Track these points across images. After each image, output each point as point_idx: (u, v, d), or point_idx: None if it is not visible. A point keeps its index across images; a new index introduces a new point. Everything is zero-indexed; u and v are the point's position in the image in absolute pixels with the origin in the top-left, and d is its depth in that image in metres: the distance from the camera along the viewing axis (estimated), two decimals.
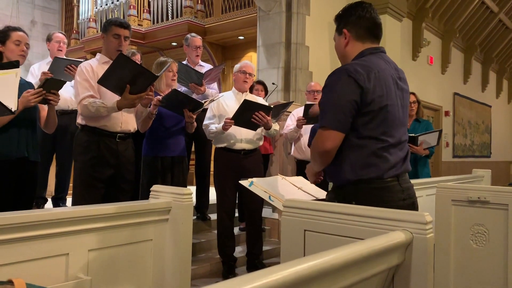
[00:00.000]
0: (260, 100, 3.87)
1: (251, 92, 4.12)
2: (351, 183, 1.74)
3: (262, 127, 3.54)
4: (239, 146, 3.60)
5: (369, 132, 1.72)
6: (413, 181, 3.46)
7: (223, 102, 3.66)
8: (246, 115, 3.35)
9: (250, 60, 6.71)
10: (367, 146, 1.72)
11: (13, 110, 1.87)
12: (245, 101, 3.33)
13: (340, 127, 1.71)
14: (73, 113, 3.98)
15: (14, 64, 2.29)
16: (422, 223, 1.30)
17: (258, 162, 3.76)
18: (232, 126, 3.43)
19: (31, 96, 2.34)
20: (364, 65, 1.74)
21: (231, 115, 3.43)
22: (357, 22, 1.84)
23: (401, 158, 1.79)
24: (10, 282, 1.08)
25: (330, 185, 2.35)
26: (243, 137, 3.59)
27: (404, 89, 1.87)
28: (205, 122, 3.68)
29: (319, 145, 1.75)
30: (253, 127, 3.49)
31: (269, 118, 3.43)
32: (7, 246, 1.41)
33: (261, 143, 3.78)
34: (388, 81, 1.77)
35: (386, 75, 1.77)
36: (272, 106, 3.65)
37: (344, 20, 1.88)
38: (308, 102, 4.26)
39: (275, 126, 3.70)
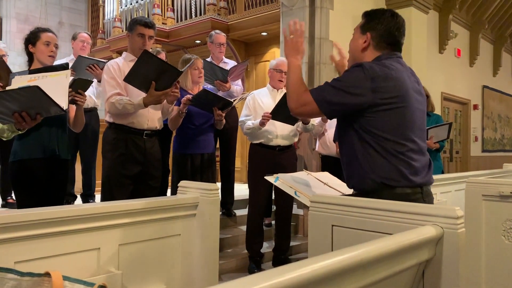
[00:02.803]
0: None
1: None
2: (375, 189, 1.69)
3: (300, 122, 3.53)
4: (275, 142, 3.63)
5: (387, 134, 1.68)
6: (441, 176, 3.42)
7: (259, 99, 3.69)
8: (285, 109, 3.36)
9: (274, 57, 6.70)
10: (387, 148, 1.68)
11: (64, 108, 1.97)
12: (286, 95, 3.34)
13: (323, 106, 1.70)
14: (92, 111, 4.07)
15: (64, 67, 2.40)
16: (453, 217, 1.28)
17: (293, 159, 3.78)
18: (269, 122, 3.44)
19: None
20: (381, 65, 1.71)
21: (266, 112, 3.44)
22: (383, 35, 1.80)
23: (424, 165, 1.75)
24: (47, 274, 1.12)
25: None
26: (279, 133, 3.61)
27: (422, 94, 1.84)
28: (241, 118, 3.72)
29: (297, 101, 1.79)
30: (291, 121, 3.50)
31: None
32: (42, 240, 1.46)
33: (296, 139, 3.80)
34: (406, 83, 1.73)
35: (405, 77, 1.74)
36: None
37: (372, 23, 1.83)
38: None
39: (313, 121, 3.69)
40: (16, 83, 2.06)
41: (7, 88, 2.09)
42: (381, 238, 1.11)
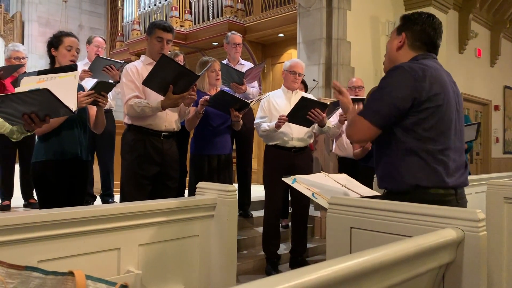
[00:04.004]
0: (310, 96, 3.87)
1: None
2: (409, 190, 1.67)
3: (316, 124, 3.54)
4: (290, 143, 3.63)
5: (426, 132, 1.67)
6: None
7: (273, 101, 3.69)
8: (301, 112, 3.37)
9: (290, 58, 6.69)
10: (425, 148, 1.67)
11: (73, 110, 1.98)
12: (303, 97, 3.35)
13: (378, 121, 1.67)
14: (107, 112, 4.12)
15: (73, 68, 2.42)
16: (474, 220, 1.26)
17: (308, 160, 3.78)
18: (285, 123, 3.45)
19: (83, 98, 2.44)
20: (419, 64, 1.71)
21: (281, 113, 3.45)
22: (419, 35, 1.81)
23: (459, 165, 1.73)
24: (71, 273, 1.14)
25: (374, 182, 2.31)
26: (294, 135, 3.61)
27: (458, 93, 1.83)
28: (256, 120, 3.72)
29: (351, 134, 1.79)
30: (307, 124, 3.50)
31: (324, 115, 3.42)
32: (64, 240, 1.49)
33: (311, 141, 3.79)
34: (444, 82, 1.73)
35: (443, 75, 1.74)
36: (328, 103, 3.64)
37: (408, 24, 1.84)
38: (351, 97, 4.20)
39: (328, 123, 3.69)
40: (25, 84, 2.07)
41: (16, 89, 2.10)
42: (401, 241, 1.11)
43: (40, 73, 2.35)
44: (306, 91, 4.70)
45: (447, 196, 1.68)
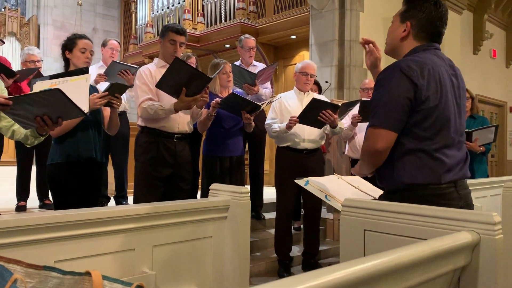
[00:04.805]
0: (322, 98, 3.86)
1: None
2: (406, 188, 1.66)
3: (327, 126, 3.53)
4: (302, 145, 3.62)
5: (423, 132, 1.64)
6: (475, 181, 3.33)
7: (285, 102, 3.69)
8: (312, 113, 3.36)
9: (303, 59, 6.69)
10: (421, 147, 1.64)
11: (85, 112, 2.01)
12: (314, 99, 3.34)
13: (391, 125, 1.63)
14: (122, 114, 4.17)
15: (84, 71, 2.46)
16: (490, 223, 1.25)
17: (320, 162, 3.77)
18: (296, 125, 3.45)
19: (97, 99, 2.47)
20: (418, 61, 1.66)
21: (293, 115, 3.45)
22: (424, 24, 1.73)
23: (458, 160, 1.70)
24: (88, 273, 1.16)
25: None
26: (306, 137, 3.60)
27: (461, 86, 1.78)
28: (267, 121, 3.72)
29: (370, 145, 1.66)
30: (319, 125, 3.49)
31: (336, 116, 3.41)
32: (80, 241, 1.50)
33: (323, 142, 3.78)
34: (443, 77, 1.68)
35: (441, 71, 1.69)
36: (339, 104, 3.63)
37: (413, 11, 1.75)
38: (363, 99, 4.18)
39: (341, 125, 3.67)
40: (37, 88, 2.10)
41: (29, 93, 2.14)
42: (416, 243, 1.10)
43: (52, 77, 2.39)
44: (319, 93, 4.70)
45: (446, 188, 1.65)
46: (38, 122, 1.93)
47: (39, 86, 2.13)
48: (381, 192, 2.15)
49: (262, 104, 3.38)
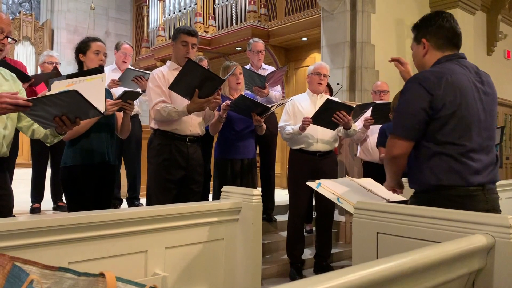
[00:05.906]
0: (335, 99, 3.85)
1: None
2: (433, 189, 1.75)
3: (341, 127, 3.52)
4: (315, 147, 3.61)
5: (446, 137, 1.73)
6: None
7: (298, 104, 3.69)
8: (326, 114, 3.35)
9: (314, 62, 6.67)
10: (446, 151, 1.73)
11: (102, 111, 2.03)
12: (328, 100, 3.33)
13: (406, 134, 1.76)
14: (134, 117, 4.20)
15: (100, 70, 2.49)
16: (505, 226, 1.23)
17: (333, 164, 3.75)
18: (309, 127, 3.44)
19: (110, 106, 2.50)
20: (435, 71, 1.77)
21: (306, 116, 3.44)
22: (437, 32, 1.86)
23: (486, 164, 1.76)
24: (101, 275, 1.17)
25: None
26: (319, 139, 3.59)
27: (487, 92, 1.85)
28: (280, 124, 3.72)
29: (387, 152, 1.85)
30: (332, 126, 3.47)
31: (350, 117, 3.40)
32: (93, 242, 1.52)
33: (336, 144, 3.76)
34: (464, 85, 1.76)
35: (461, 79, 1.77)
36: (354, 106, 3.61)
37: (423, 29, 1.90)
38: (377, 101, 4.16)
39: (354, 126, 3.66)
40: (55, 88, 2.13)
41: (47, 93, 2.16)
42: (430, 246, 1.09)
43: (69, 76, 2.43)
44: (331, 95, 4.68)
45: (473, 191, 1.72)
46: (57, 122, 1.97)
47: (56, 86, 2.16)
48: (394, 194, 2.14)
49: (272, 106, 3.38)
